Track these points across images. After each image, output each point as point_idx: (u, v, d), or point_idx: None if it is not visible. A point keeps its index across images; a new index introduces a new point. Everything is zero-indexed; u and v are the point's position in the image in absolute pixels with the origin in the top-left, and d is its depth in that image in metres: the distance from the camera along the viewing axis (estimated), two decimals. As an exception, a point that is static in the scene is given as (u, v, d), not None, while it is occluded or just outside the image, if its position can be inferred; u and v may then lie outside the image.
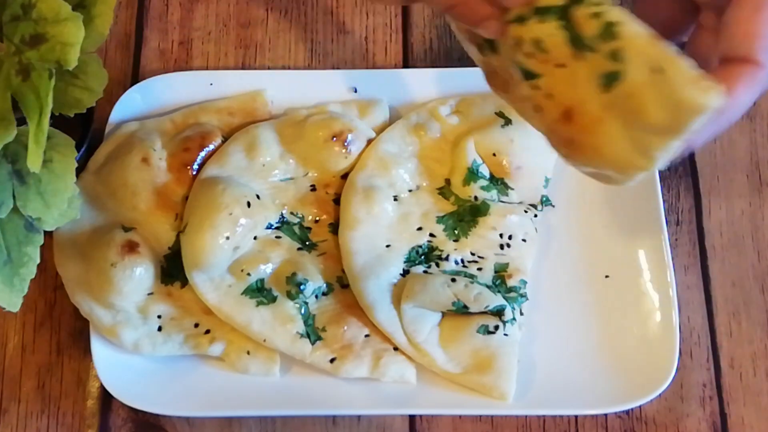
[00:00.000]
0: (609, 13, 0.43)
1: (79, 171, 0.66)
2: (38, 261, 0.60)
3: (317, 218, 0.72)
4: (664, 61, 0.42)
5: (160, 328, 0.67)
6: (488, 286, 0.69)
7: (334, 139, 0.71)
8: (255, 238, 0.69)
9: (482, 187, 0.72)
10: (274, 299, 0.67)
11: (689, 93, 0.41)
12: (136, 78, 0.78)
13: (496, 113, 0.74)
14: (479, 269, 0.70)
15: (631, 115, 0.44)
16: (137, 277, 0.67)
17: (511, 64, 0.49)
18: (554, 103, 0.47)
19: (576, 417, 0.69)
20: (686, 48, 0.50)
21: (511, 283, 0.70)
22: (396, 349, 0.68)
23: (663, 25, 0.46)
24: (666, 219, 0.72)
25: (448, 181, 0.73)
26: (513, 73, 0.49)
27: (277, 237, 0.70)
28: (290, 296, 0.67)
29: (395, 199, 0.72)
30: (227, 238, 0.67)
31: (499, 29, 0.48)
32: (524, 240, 0.71)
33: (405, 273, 0.70)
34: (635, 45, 0.43)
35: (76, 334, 0.70)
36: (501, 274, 0.70)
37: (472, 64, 0.59)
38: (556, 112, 0.47)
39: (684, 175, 0.77)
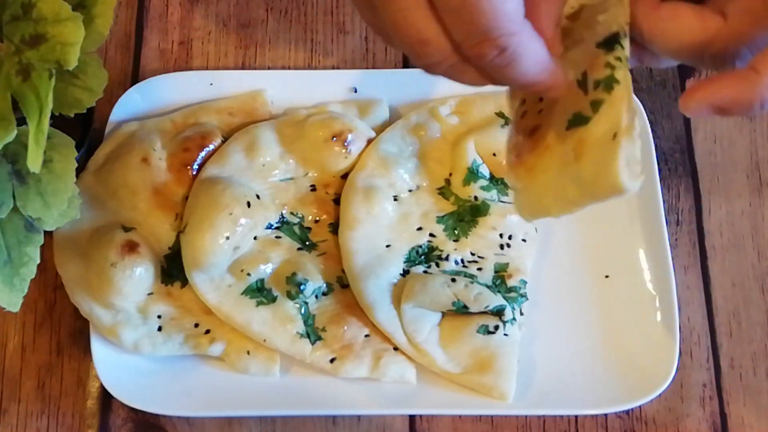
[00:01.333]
0: (619, 71, 0.45)
1: (79, 171, 0.66)
2: (38, 261, 0.60)
3: (317, 218, 0.72)
4: (624, 132, 0.43)
5: (160, 328, 0.67)
6: (488, 286, 0.69)
7: (334, 139, 0.71)
8: (255, 238, 0.69)
9: (482, 187, 0.72)
10: (274, 299, 0.67)
11: (620, 168, 0.43)
12: (136, 78, 0.78)
13: (496, 113, 0.74)
14: (479, 269, 0.70)
15: (569, 158, 0.46)
16: (137, 277, 0.67)
17: None
18: (537, 116, 0.49)
19: (576, 417, 0.69)
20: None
21: (511, 283, 0.70)
22: (396, 349, 0.68)
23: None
24: (666, 219, 0.72)
25: (448, 181, 0.73)
26: None
27: (277, 237, 0.70)
28: (290, 296, 0.67)
29: (395, 199, 0.72)
30: (227, 238, 0.67)
31: None
32: (524, 240, 0.71)
33: (405, 273, 0.70)
34: (614, 105, 0.45)
35: (76, 334, 0.70)
36: (501, 274, 0.70)
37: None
38: (531, 123, 0.49)
39: (684, 175, 0.77)
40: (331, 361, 0.67)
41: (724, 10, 0.46)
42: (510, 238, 0.71)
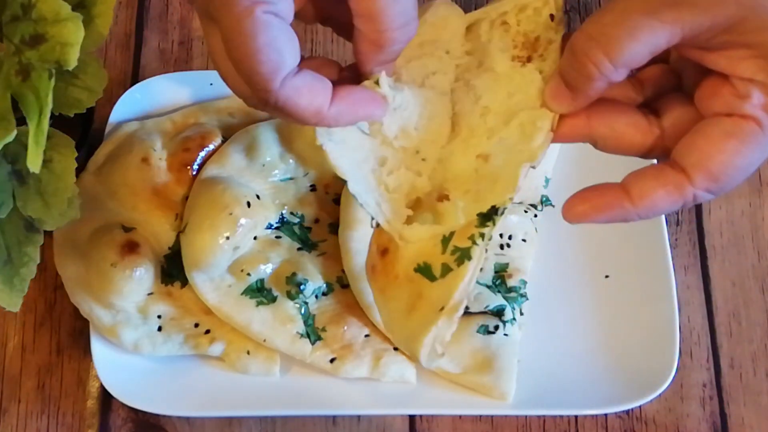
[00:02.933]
0: (475, 249, 0.47)
1: (79, 171, 0.66)
2: (38, 261, 0.60)
3: (317, 218, 0.72)
4: (447, 311, 0.45)
5: (160, 328, 0.67)
6: (488, 286, 0.69)
7: (334, 139, 0.71)
8: (255, 238, 0.69)
9: (482, 187, 0.71)
10: (274, 299, 0.67)
11: (424, 343, 0.45)
12: (136, 78, 0.79)
13: (496, 113, 0.74)
14: (479, 269, 0.70)
15: (410, 302, 0.47)
16: (137, 277, 0.67)
17: None
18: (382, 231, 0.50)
19: (576, 417, 0.69)
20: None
21: (511, 283, 0.70)
22: (396, 349, 0.68)
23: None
24: (666, 219, 0.72)
25: (448, 181, 0.73)
26: None
27: (277, 237, 0.70)
28: (290, 296, 0.67)
29: (395, 199, 0.72)
30: (227, 238, 0.67)
31: None
32: (524, 240, 0.71)
33: (405, 273, 0.70)
34: (455, 280, 0.46)
35: (76, 334, 0.70)
36: (501, 274, 0.70)
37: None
38: (383, 241, 0.50)
39: (684, 175, 0.77)
40: (331, 361, 0.67)
41: (660, 113, 0.47)
42: (510, 238, 0.71)
